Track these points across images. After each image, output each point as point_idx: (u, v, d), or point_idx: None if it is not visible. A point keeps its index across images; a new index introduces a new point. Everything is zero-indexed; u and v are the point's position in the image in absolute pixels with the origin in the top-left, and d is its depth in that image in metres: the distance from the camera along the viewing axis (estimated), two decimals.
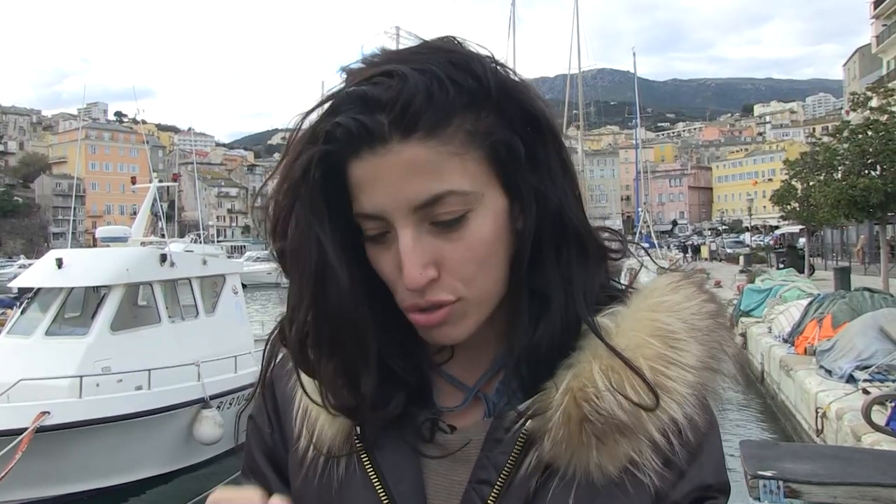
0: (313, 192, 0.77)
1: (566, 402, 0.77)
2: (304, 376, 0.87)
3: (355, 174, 0.76)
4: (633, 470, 0.78)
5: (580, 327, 0.82)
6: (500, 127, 0.76)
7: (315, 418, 0.88)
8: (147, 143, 45.85)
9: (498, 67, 0.78)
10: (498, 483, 0.80)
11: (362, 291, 0.81)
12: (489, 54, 0.78)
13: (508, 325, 0.83)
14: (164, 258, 11.74)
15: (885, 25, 50.32)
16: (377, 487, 0.84)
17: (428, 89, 0.73)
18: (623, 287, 0.88)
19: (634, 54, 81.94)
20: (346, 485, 0.85)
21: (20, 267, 41.56)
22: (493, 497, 0.80)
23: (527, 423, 0.80)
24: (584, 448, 0.77)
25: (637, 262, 0.93)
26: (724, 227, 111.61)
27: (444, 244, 0.76)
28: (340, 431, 0.87)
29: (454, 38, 0.79)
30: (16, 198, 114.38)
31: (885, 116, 17.23)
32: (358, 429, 0.86)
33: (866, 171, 16.85)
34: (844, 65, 71.08)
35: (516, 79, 0.79)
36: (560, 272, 0.81)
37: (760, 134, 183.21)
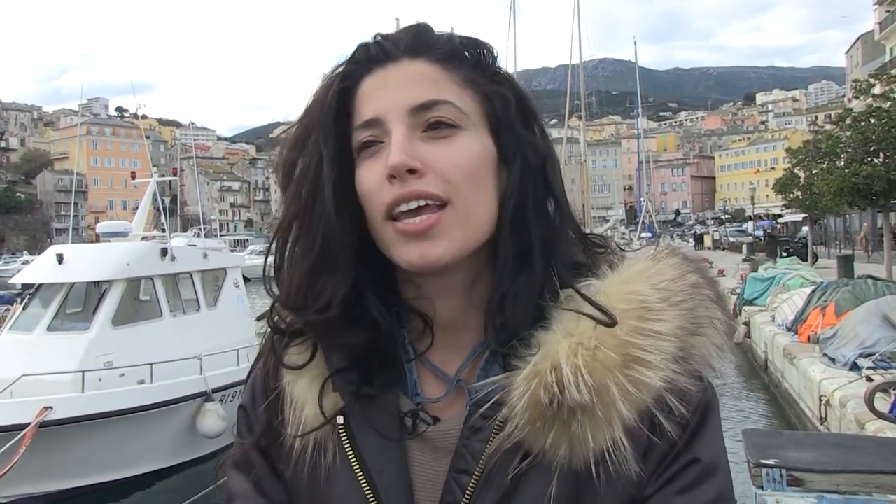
0: (329, 108, 0.84)
1: (533, 386, 0.76)
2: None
3: (363, 89, 0.84)
4: (614, 451, 0.77)
5: (557, 298, 0.82)
6: (500, 90, 0.86)
7: (301, 407, 0.88)
8: (148, 137, 45.90)
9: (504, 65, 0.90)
10: (476, 472, 0.79)
11: (350, 218, 0.83)
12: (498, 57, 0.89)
13: (494, 274, 0.84)
14: (164, 252, 11.77)
15: (889, 12, 50.01)
16: (360, 478, 0.83)
17: (438, 33, 0.86)
18: (599, 266, 0.87)
19: (636, 43, 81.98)
20: (332, 475, 0.85)
21: (23, 263, 41.60)
22: (472, 486, 0.79)
23: (501, 409, 0.79)
24: (558, 434, 0.76)
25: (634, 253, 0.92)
26: (726, 216, 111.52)
27: (433, 149, 0.81)
28: (324, 419, 0.86)
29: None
30: (18, 194, 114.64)
31: (888, 103, 17.19)
32: (340, 418, 0.85)
33: (869, 159, 16.83)
34: (847, 52, 70.73)
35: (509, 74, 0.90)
36: (540, 234, 0.83)
37: (763, 122, 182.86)
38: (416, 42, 0.84)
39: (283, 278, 0.87)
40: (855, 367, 9.19)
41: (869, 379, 8.16)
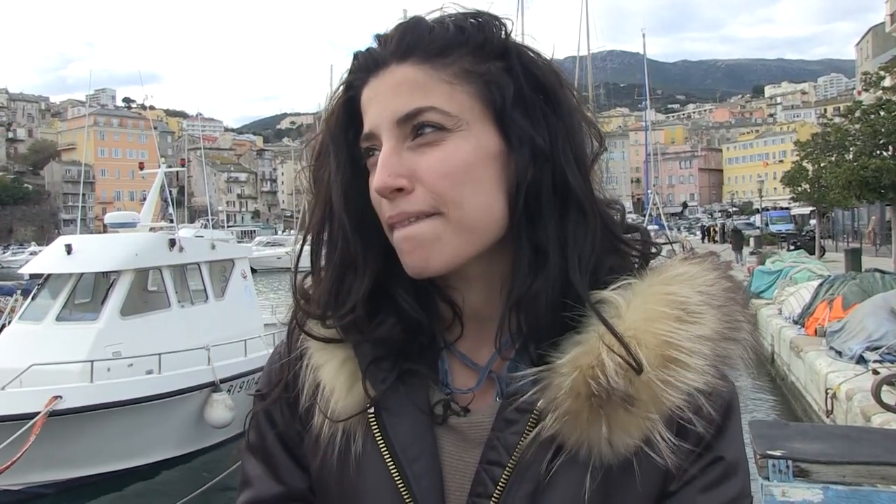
0: (337, 119, 0.87)
1: (575, 378, 0.76)
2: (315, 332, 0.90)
3: (363, 100, 0.84)
4: (648, 447, 0.77)
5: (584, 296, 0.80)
6: (500, 75, 0.82)
7: (329, 394, 0.88)
8: (156, 128, 45.95)
9: (515, 37, 0.85)
10: (510, 464, 0.79)
11: (373, 219, 0.85)
12: (510, 28, 0.85)
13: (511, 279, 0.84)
14: (172, 243, 11.79)
15: None
16: (390, 466, 0.83)
17: (428, 26, 0.83)
18: (638, 265, 0.86)
19: (644, 35, 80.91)
20: (363, 463, 0.85)
21: (31, 254, 41.76)
22: (505, 478, 0.79)
23: (538, 403, 0.78)
24: (595, 426, 0.76)
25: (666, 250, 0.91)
26: (734, 208, 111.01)
27: (421, 158, 0.80)
28: (355, 407, 0.86)
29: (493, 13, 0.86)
30: (26, 185, 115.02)
31: None
32: (372, 408, 0.85)
33: (878, 152, 16.70)
34: (857, 44, 70.09)
35: (535, 52, 0.85)
36: (557, 231, 0.81)
37: (771, 115, 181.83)
38: (403, 43, 0.82)
39: (315, 289, 0.91)
40: (861, 360, 9.17)
41: (875, 372, 8.14)
